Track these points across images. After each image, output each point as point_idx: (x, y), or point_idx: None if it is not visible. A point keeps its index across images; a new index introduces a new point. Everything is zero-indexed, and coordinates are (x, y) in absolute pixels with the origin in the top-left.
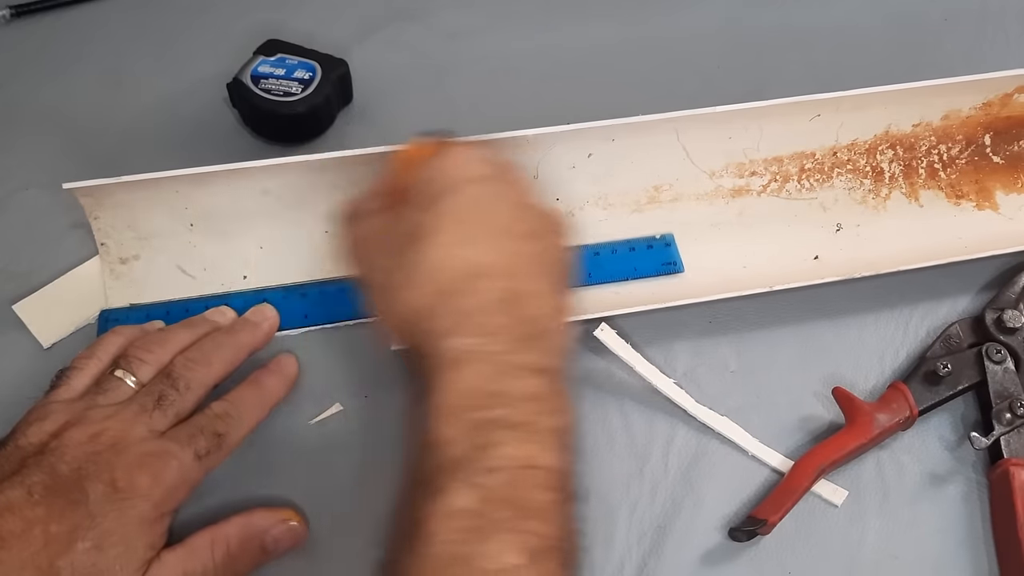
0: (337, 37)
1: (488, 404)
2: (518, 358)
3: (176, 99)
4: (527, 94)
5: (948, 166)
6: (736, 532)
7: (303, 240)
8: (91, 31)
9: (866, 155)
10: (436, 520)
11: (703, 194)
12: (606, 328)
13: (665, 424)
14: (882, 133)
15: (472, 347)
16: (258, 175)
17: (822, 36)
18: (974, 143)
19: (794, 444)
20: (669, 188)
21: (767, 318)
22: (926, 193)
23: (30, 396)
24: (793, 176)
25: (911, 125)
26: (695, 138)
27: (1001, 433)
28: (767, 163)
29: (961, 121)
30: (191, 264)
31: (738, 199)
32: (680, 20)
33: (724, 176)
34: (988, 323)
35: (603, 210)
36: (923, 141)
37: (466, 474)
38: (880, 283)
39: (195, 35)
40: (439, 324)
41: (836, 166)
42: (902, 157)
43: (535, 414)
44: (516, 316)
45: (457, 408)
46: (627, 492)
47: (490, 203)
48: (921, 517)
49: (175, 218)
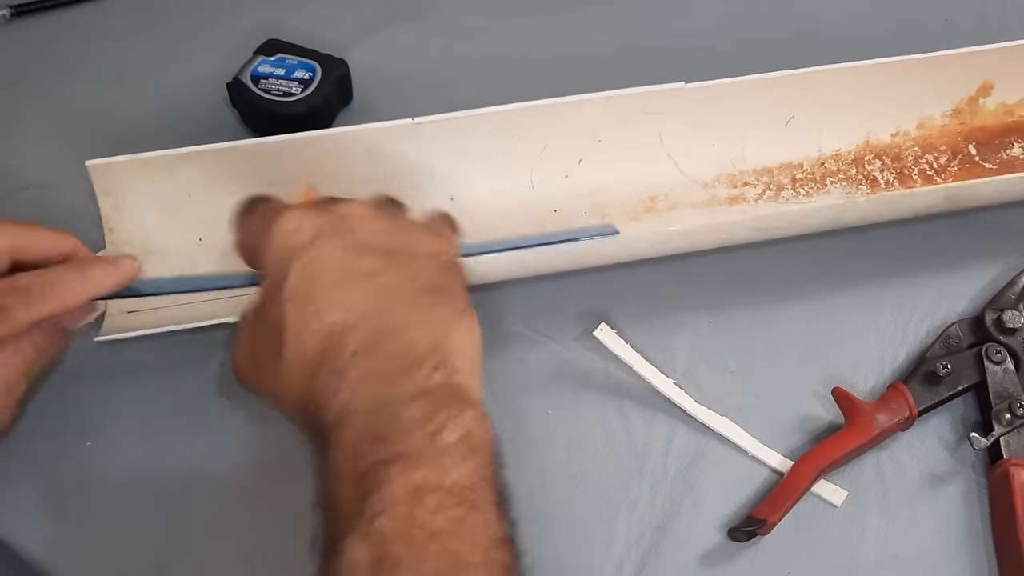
0: (337, 37)
1: (370, 450)
2: (393, 392)
3: (176, 99)
4: (527, 94)
5: (941, 172)
6: (735, 532)
7: None
8: (91, 31)
9: (854, 165)
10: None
11: (699, 203)
12: (605, 328)
13: (664, 424)
14: (863, 143)
15: (347, 402)
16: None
17: (823, 37)
18: (960, 152)
19: (794, 444)
20: (664, 198)
21: (767, 318)
22: None
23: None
24: (786, 185)
25: (889, 135)
26: (679, 144)
27: (1001, 433)
28: (757, 174)
29: (938, 131)
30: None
31: (735, 207)
32: (680, 21)
33: (717, 186)
34: (988, 323)
35: (601, 218)
36: (907, 152)
37: (357, 527)
38: (880, 283)
39: (195, 35)
40: (319, 399)
41: (827, 175)
42: (891, 167)
43: (425, 437)
44: (383, 354)
45: (344, 467)
46: (626, 492)
47: (332, 258)
48: (921, 517)
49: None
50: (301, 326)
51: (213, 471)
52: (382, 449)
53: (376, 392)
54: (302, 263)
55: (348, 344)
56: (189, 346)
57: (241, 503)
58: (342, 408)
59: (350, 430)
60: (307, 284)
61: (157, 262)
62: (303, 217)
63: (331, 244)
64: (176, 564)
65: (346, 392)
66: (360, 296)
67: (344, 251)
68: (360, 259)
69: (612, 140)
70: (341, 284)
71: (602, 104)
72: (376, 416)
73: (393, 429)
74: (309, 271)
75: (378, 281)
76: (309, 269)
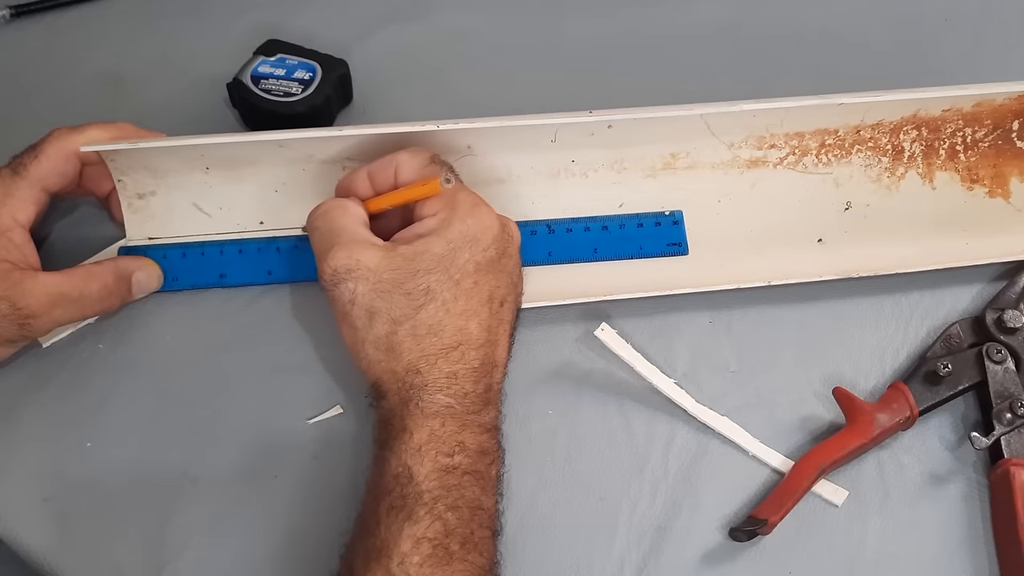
0: (337, 37)
1: (453, 451)
2: (479, 418)
3: (176, 99)
4: (527, 94)
5: (970, 148)
6: (736, 532)
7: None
8: (91, 31)
9: (890, 134)
10: (407, 542)
11: (718, 163)
12: (607, 328)
13: (665, 424)
14: (910, 115)
15: (448, 405)
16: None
17: (823, 37)
18: (1001, 127)
19: (794, 444)
20: (686, 156)
21: (767, 318)
22: (942, 175)
23: (29, 395)
24: (812, 150)
25: (940, 110)
26: (718, 112)
27: (1001, 433)
28: (788, 137)
29: (993, 108)
30: (207, 203)
31: (753, 170)
32: (680, 20)
33: (743, 147)
34: (988, 323)
35: (617, 174)
36: (949, 124)
37: (434, 508)
38: (881, 283)
39: (195, 35)
40: (423, 379)
41: (857, 143)
42: (925, 138)
43: (485, 465)
44: (484, 384)
45: (428, 451)
46: (627, 492)
47: (488, 275)
48: (921, 517)
49: (191, 165)
50: (450, 313)
51: (213, 471)
52: (461, 456)
53: (470, 410)
54: (476, 262)
55: (467, 359)
56: (189, 346)
57: (241, 503)
58: (443, 406)
59: (442, 427)
60: (471, 281)
61: (168, 190)
62: (494, 221)
63: (495, 263)
64: (176, 564)
65: (449, 397)
66: (490, 321)
67: (499, 276)
68: (501, 287)
69: (647, 113)
70: (485, 302)
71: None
72: (463, 430)
73: (470, 447)
74: (476, 271)
75: (502, 314)
76: (478, 270)
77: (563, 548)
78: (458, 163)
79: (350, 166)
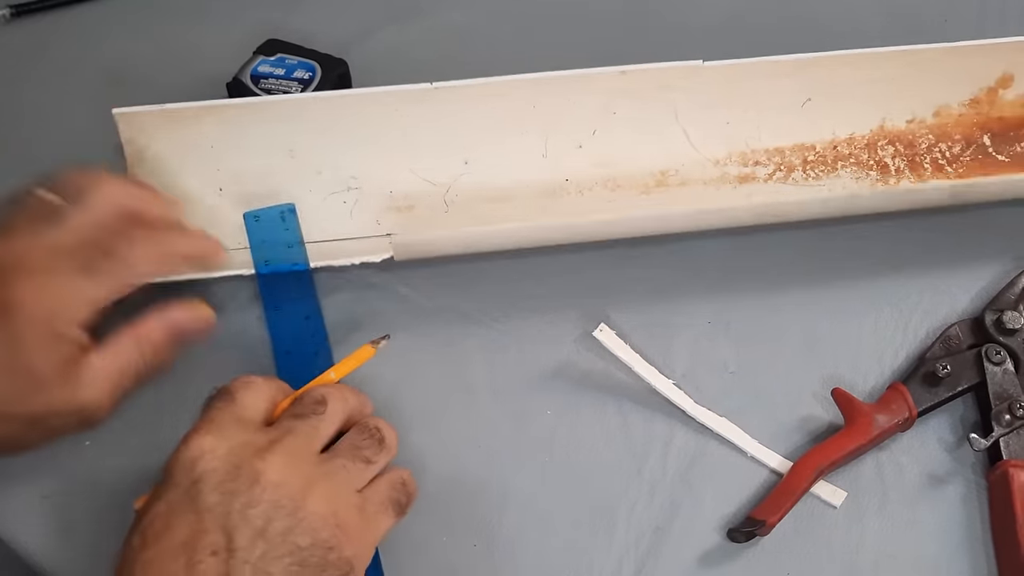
0: (337, 37)
1: None
2: None
3: (176, 98)
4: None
5: (953, 162)
6: (735, 533)
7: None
8: (91, 31)
9: (867, 150)
10: None
11: (709, 180)
12: (605, 328)
13: (664, 425)
14: (877, 128)
15: None
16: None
17: (823, 37)
18: (974, 143)
19: (793, 445)
20: (675, 173)
21: (766, 318)
22: (935, 183)
23: None
24: (797, 167)
25: (905, 122)
26: (693, 120)
27: (1000, 434)
28: (769, 153)
29: (954, 120)
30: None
31: (745, 185)
32: (680, 19)
33: (728, 164)
34: (988, 324)
35: (611, 191)
36: (921, 139)
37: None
38: (881, 284)
39: (195, 35)
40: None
41: (839, 159)
42: (904, 153)
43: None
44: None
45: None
46: (625, 493)
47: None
48: (920, 518)
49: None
50: None
51: None
52: None
53: None
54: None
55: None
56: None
57: None
58: None
59: None
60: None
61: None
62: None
63: None
64: None
65: None
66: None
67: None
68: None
69: (627, 113)
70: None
71: (617, 78)
72: None
73: None
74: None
75: None
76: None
77: (561, 548)
78: (455, 181)
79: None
